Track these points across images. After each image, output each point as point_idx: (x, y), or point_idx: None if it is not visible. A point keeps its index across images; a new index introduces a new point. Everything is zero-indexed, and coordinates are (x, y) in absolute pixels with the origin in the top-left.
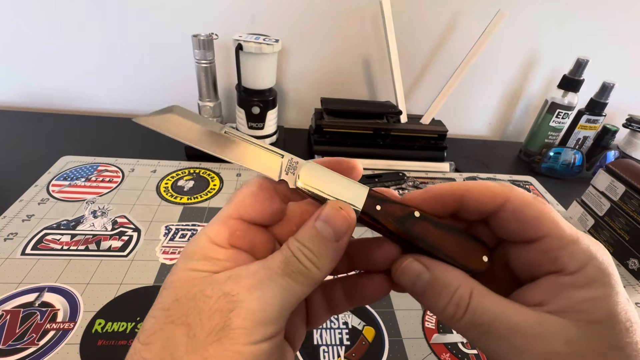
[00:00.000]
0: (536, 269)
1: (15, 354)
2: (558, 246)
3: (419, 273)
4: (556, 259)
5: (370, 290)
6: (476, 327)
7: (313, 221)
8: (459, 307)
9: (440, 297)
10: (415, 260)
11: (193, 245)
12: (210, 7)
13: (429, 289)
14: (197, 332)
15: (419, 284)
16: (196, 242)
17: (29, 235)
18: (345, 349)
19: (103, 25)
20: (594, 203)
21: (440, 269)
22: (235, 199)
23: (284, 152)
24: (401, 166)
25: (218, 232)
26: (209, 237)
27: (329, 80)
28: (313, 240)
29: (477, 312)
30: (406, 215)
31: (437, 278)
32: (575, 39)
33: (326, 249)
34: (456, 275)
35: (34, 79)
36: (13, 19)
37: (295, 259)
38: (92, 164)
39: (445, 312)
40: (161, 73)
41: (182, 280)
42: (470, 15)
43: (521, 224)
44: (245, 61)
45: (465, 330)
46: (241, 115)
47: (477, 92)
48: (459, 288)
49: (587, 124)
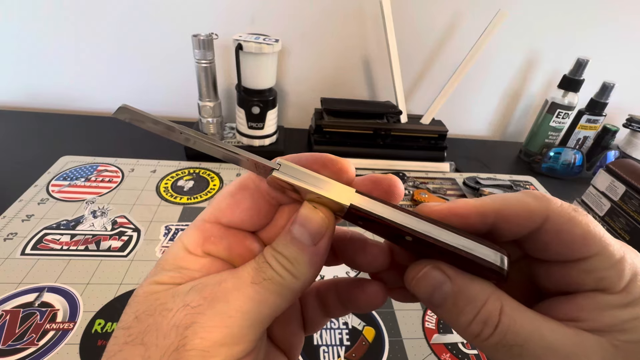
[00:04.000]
0: (576, 286)
1: (15, 354)
2: (606, 266)
3: (439, 283)
4: (603, 278)
5: (363, 301)
6: (507, 348)
7: (289, 225)
8: (486, 325)
9: (464, 312)
10: (436, 268)
11: (167, 254)
12: (210, 7)
13: (450, 302)
14: (151, 353)
15: (438, 295)
16: (170, 250)
17: (28, 235)
18: (345, 349)
19: (103, 25)
20: (594, 203)
21: (465, 279)
22: (214, 200)
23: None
24: (401, 166)
25: (192, 238)
26: (183, 244)
27: (329, 80)
28: (287, 246)
29: (510, 332)
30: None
31: (461, 290)
32: (575, 39)
33: (302, 254)
34: (483, 287)
35: (34, 79)
36: (13, 19)
37: (268, 266)
38: (91, 164)
39: (468, 330)
40: (161, 73)
41: (144, 295)
42: (470, 15)
43: (565, 245)
44: (245, 61)
45: (492, 350)
46: (241, 115)
47: (477, 92)
48: (488, 302)
49: (587, 124)
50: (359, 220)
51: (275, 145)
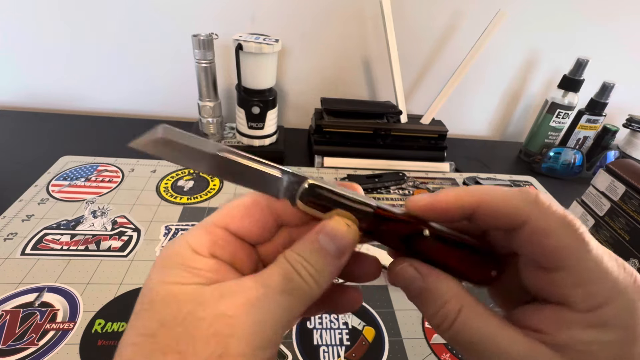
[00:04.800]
0: (545, 294)
1: (15, 354)
2: (575, 283)
3: (412, 279)
4: (568, 295)
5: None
6: (460, 343)
7: (315, 234)
8: (445, 320)
9: (429, 305)
10: (411, 265)
11: (170, 251)
12: (210, 7)
13: (421, 295)
14: None
15: (412, 289)
16: (173, 248)
17: (28, 235)
18: (345, 349)
19: (103, 25)
20: (594, 203)
21: (434, 278)
22: (225, 208)
23: (282, 167)
24: (401, 166)
25: (199, 238)
26: (188, 244)
27: (329, 80)
28: (315, 255)
29: (463, 330)
30: (413, 234)
31: (429, 287)
32: (575, 39)
33: (327, 265)
34: (450, 287)
35: (34, 79)
36: (13, 19)
37: (297, 274)
38: (91, 164)
39: (432, 321)
40: (161, 73)
41: (164, 299)
42: (470, 15)
43: (538, 251)
44: (245, 61)
45: (451, 342)
46: (241, 115)
47: (477, 92)
48: (449, 302)
49: (587, 124)
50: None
51: (275, 145)
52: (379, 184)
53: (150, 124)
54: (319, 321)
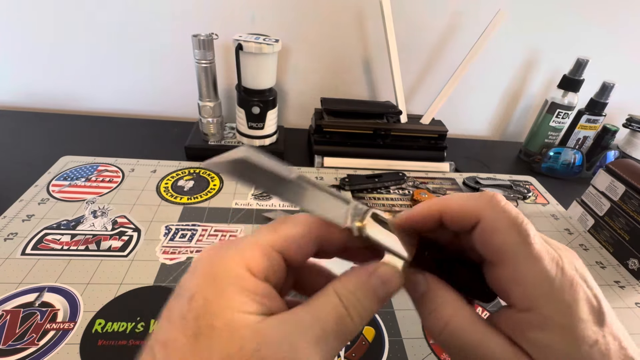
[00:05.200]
0: (500, 295)
1: (15, 354)
2: (513, 280)
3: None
4: (509, 293)
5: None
6: (450, 347)
7: (367, 276)
8: (437, 323)
9: (426, 308)
10: (421, 274)
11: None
12: (210, 7)
13: (421, 298)
14: None
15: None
16: (227, 264)
17: (29, 235)
18: (345, 348)
19: (103, 25)
20: (594, 203)
21: (436, 286)
22: (282, 230)
23: (348, 198)
24: (401, 166)
25: (257, 260)
26: (245, 263)
27: (329, 80)
28: (367, 296)
29: (454, 336)
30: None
31: (429, 292)
32: (575, 39)
33: (373, 308)
34: (447, 295)
35: (34, 79)
36: (13, 19)
37: (348, 317)
38: (92, 164)
39: (426, 323)
40: (161, 73)
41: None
42: (470, 15)
43: (484, 247)
44: (245, 61)
45: (441, 346)
46: (241, 115)
47: (477, 92)
48: (443, 307)
49: (587, 124)
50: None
51: (275, 145)
52: (379, 184)
53: (150, 124)
54: None
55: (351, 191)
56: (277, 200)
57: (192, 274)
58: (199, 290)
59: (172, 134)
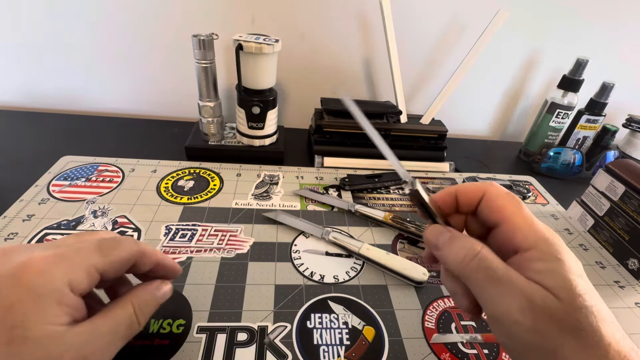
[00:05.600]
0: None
1: None
2: (514, 229)
3: (441, 232)
4: (512, 239)
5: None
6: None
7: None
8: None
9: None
10: (442, 224)
11: (47, 279)
12: (210, 7)
13: (449, 242)
14: None
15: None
16: (51, 279)
17: (29, 235)
18: (345, 348)
19: (103, 25)
20: (593, 203)
21: (459, 232)
22: (111, 256)
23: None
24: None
25: (81, 281)
26: (69, 282)
27: (329, 80)
28: (153, 304)
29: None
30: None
31: (454, 237)
32: (575, 39)
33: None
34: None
35: (34, 79)
36: (13, 19)
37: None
38: (92, 164)
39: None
40: (161, 73)
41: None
42: (470, 15)
43: (489, 210)
44: (245, 61)
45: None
46: (241, 115)
47: (477, 92)
48: (473, 242)
49: (587, 124)
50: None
51: (275, 145)
52: (379, 184)
53: (150, 124)
54: (318, 321)
55: (351, 191)
56: (278, 200)
57: (16, 281)
58: (18, 302)
59: (172, 134)
